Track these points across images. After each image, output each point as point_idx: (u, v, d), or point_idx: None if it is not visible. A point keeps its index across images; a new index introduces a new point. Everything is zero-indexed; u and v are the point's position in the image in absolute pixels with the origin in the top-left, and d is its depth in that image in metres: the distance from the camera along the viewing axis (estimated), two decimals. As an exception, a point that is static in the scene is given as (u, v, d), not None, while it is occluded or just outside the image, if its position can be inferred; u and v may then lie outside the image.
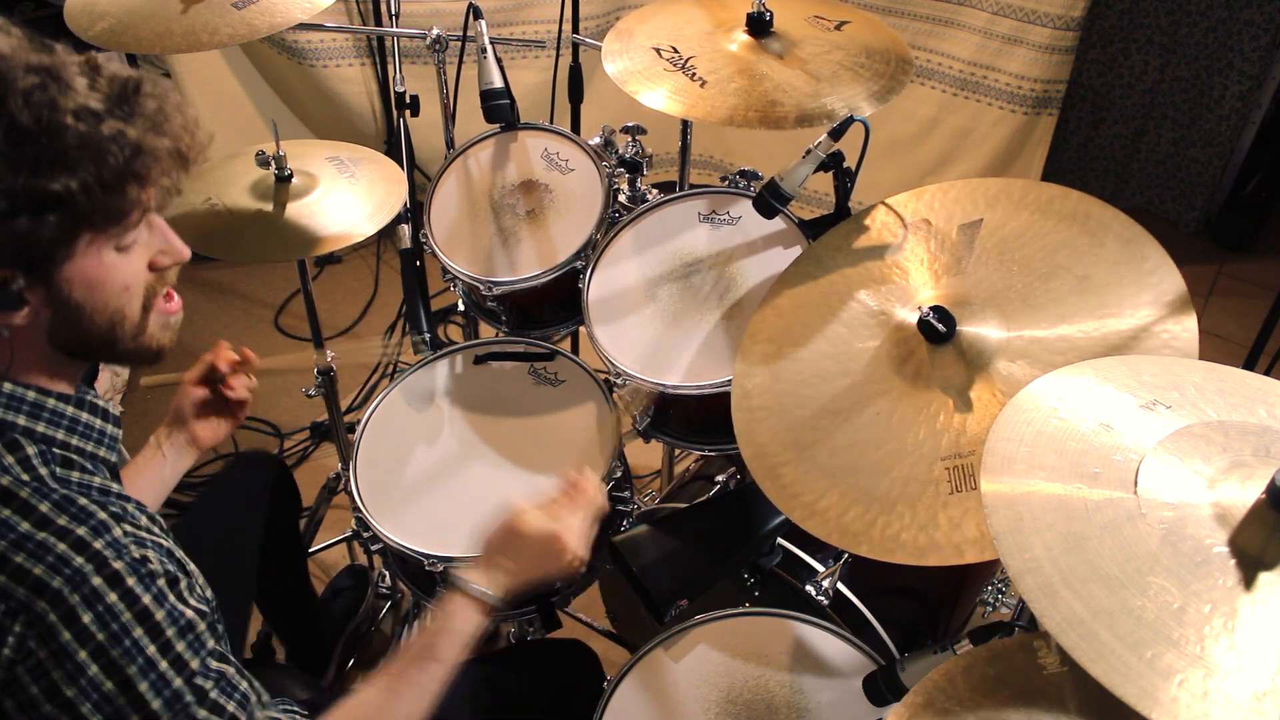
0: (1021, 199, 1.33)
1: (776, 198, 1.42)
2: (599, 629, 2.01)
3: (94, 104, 0.83)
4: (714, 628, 1.37)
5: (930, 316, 1.20)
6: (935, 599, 1.64)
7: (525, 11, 3.01)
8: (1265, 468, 0.81)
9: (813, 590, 1.46)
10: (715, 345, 1.54)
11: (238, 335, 2.97)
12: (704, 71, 1.54)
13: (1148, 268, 1.20)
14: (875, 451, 1.18)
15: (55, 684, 0.84)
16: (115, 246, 0.90)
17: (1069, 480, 0.86)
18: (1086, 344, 1.16)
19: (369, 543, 1.53)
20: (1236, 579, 0.76)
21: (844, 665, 1.32)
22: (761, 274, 1.59)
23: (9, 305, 0.86)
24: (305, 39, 2.95)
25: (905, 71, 1.54)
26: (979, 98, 2.96)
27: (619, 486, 1.56)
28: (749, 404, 1.31)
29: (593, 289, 1.65)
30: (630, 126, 1.81)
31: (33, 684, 0.83)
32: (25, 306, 0.87)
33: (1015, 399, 0.96)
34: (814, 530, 1.15)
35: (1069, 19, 2.72)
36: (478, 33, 1.85)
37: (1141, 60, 3.18)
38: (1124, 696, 0.72)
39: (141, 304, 0.95)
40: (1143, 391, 0.94)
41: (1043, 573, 0.80)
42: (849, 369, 1.27)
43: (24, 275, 0.85)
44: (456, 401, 1.68)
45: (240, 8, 1.59)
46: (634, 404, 1.58)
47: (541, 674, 1.42)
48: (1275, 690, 0.71)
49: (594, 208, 1.72)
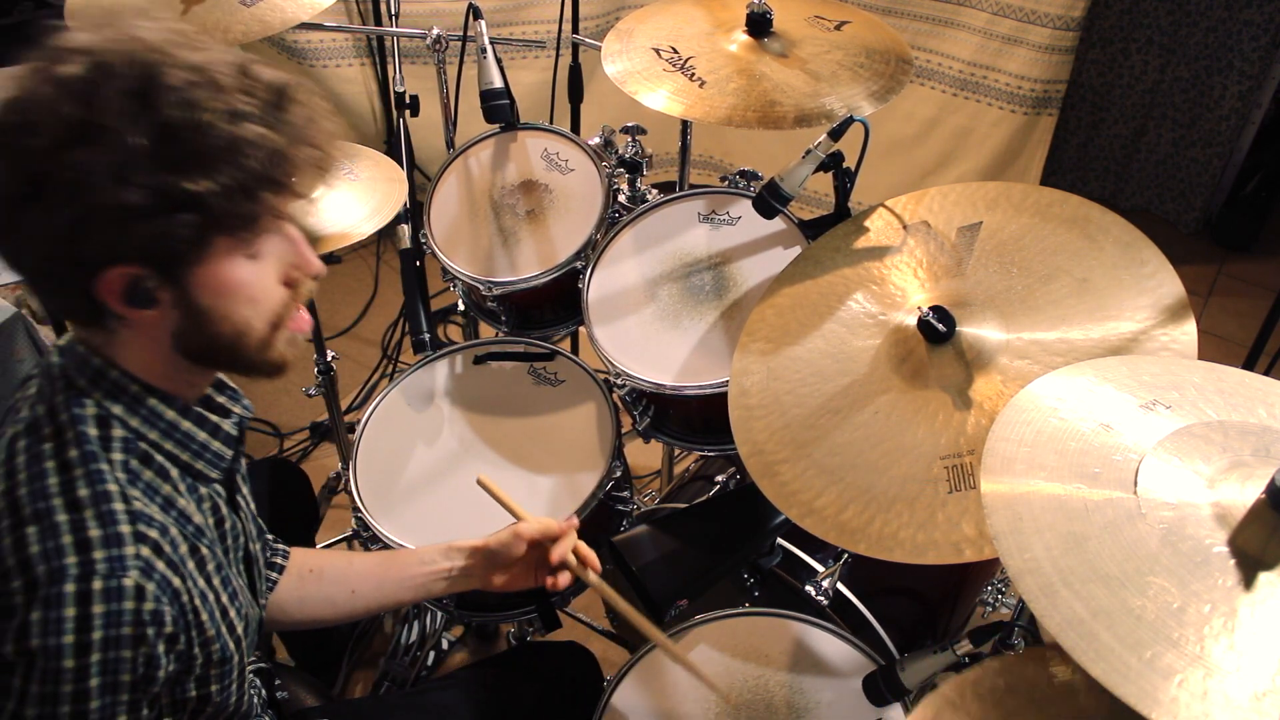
0: (1021, 202, 1.33)
1: (776, 198, 1.42)
2: (599, 629, 2.01)
3: (241, 106, 0.82)
4: (714, 628, 1.37)
5: (930, 316, 1.20)
6: (935, 599, 1.64)
7: (525, 11, 3.01)
8: (1265, 468, 0.81)
9: (812, 590, 1.46)
10: (715, 345, 1.54)
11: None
12: (703, 72, 1.54)
13: (1147, 272, 1.20)
14: (873, 450, 1.18)
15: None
16: (246, 254, 0.88)
17: (1069, 480, 0.86)
18: (1086, 346, 1.16)
19: (369, 542, 1.53)
20: (1236, 579, 0.76)
21: (844, 665, 1.32)
22: (761, 274, 1.59)
23: (139, 303, 0.85)
24: (305, 39, 2.95)
25: (905, 71, 1.54)
26: (979, 98, 2.96)
27: (619, 486, 1.56)
28: (746, 402, 1.31)
29: (593, 289, 1.65)
30: (630, 126, 1.81)
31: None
32: (155, 306, 0.86)
33: (1015, 399, 0.96)
34: (812, 528, 1.15)
35: (1069, 19, 2.72)
36: (478, 33, 1.85)
37: (1141, 60, 3.18)
38: (1124, 696, 0.72)
39: (271, 320, 0.93)
40: (1143, 391, 0.94)
41: (1043, 573, 0.80)
42: (848, 368, 1.27)
43: (156, 274, 0.84)
44: (456, 401, 1.68)
45: (249, 5, 1.59)
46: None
47: (540, 675, 1.42)
48: (1275, 690, 0.71)
49: (594, 208, 1.72)
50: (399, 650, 1.96)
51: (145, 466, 0.91)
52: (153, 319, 0.87)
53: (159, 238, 0.81)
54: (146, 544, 0.86)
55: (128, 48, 0.81)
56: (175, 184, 0.79)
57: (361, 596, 1.26)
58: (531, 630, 1.94)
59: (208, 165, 0.81)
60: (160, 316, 0.87)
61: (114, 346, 0.90)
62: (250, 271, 0.89)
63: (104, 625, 0.81)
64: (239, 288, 0.88)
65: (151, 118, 0.79)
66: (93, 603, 0.81)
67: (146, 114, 0.79)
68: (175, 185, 0.79)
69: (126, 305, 0.85)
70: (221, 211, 0.82)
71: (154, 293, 0.85)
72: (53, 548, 0.82)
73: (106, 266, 0.82)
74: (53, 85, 0.79)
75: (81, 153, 0.78)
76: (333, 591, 1.25)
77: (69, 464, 0.85)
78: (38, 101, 0.79)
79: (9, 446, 0.87)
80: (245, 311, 0.90)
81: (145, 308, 0.85)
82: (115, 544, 0.84)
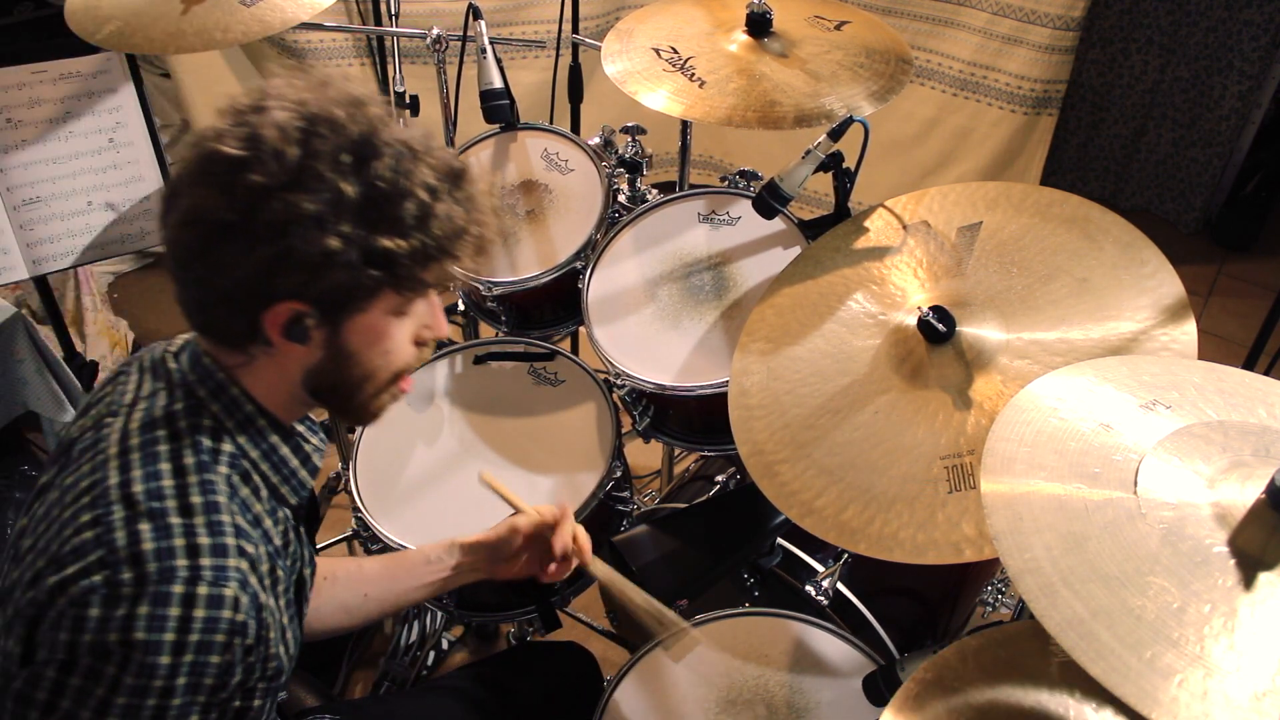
0: (1021, 202, 1.33)
1: (776, 198, 1.42)
2: (599, 629, 2.01)
3: (434, 181, 0.89)
4: (714, 628, 1.37)
5: (930, 316, 1.20)
6: (935, 599, 1.64)
7: (525, 11, 3.01)
8: (1265, 468, 0.81)
9: (812, 590, 1.46)
10: (715, 345, 1.54)
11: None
12: (703, 72, 1.54)
13: (1147, 272, 1.20)
14: (873, 450, 1.18)
15: (56, 630, 0.83)
16: (397, 311, 0.94)
17: (1069, 480, 0.86)
18: (1086, 346, 1.16)
19: (369, 542, 1.53)
20: (1236, 579, 0.76)
21: (844, 665, 1.32)
22: (761, 274, 1.59)
23: (295, 337, 0.90)
24: (305, 39, 2.95)
25: (905, 71, 1.54)
26: (979, 98, 2.96)
27: (619, 486, 1.56)
28: (746, 402, 1.31)
29: (592, 289, 1.65)
30: (630, 126, 1.81)
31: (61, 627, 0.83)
32: (307, 342, 0.91)
33: (1015, 399, 0.96)
34: (812, 528, 1.15)
35: (1069, 19, 2.72)
36: (478, 33, 1.85)
37: (1141, 60, 3.18)
38: (1124, 696, 0.72)
39: (395, 372, 0.99)
40: (1143, 391, 0.94)
41: (1043, 573, 0.80)
42: (848, 368, 1.27)
43: (319, 314, 0.89)
44: (456, 401, 1.68)
45: (249, 5, 1.59)
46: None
47: (540, 675, 1.42)
48: (1275, 690, 0.71)
49: (594, 208, 1.72)
50: (399, 650, 1.97)
51: (244, 483, 0.95)
52: (298, 353, 0.92)
53: (343, 285, 0.87)
54: (245, 559, 0.90)
55: (348, 109, 0.87)
56: (373, 240, 0.86)
57: (374, 599, 1.28)
58: (531, 630, 1.94)
59: (402, 228, 0.87)
60: (305, 352, 0.92)
61: (244, 367, 0.94)
62: (396, 326, 0.95)
63: (201, 630, 0.84)
64: (383, 339, 0.95)
65: (363, 176, 0.86)
66: (196, 606, 0.84)
67: (360, 172, 0.86)
68: (372, 241, 0.86)
69: (283, 337, 0.90)
70: (403, 272, 0.89)
71: (310, 330, 0.90)
72: (165, 548, 0.85)
73: (283, 300, 0.87)
74: (276, 129, 0.84)
75: (296, 196, 0.83)
76: (346, 597, 1.27)
77: (184, 469, 0.90)
78: (261, 141, 0.84)
79: (122, 439, 0.91)
80: (379, 361, 0.96)
81: (298, 342, 0.91)
82: (221, 554, 0.87)
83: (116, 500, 0.87)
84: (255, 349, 0.92)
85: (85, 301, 2.66)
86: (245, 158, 0.83)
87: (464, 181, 0.93)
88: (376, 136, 0.87)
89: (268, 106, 0.86)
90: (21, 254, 1.85)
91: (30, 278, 1.89)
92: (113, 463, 0.89)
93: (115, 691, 0.83)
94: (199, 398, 0.94)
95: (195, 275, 0.89)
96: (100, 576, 0.83)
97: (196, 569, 0.85)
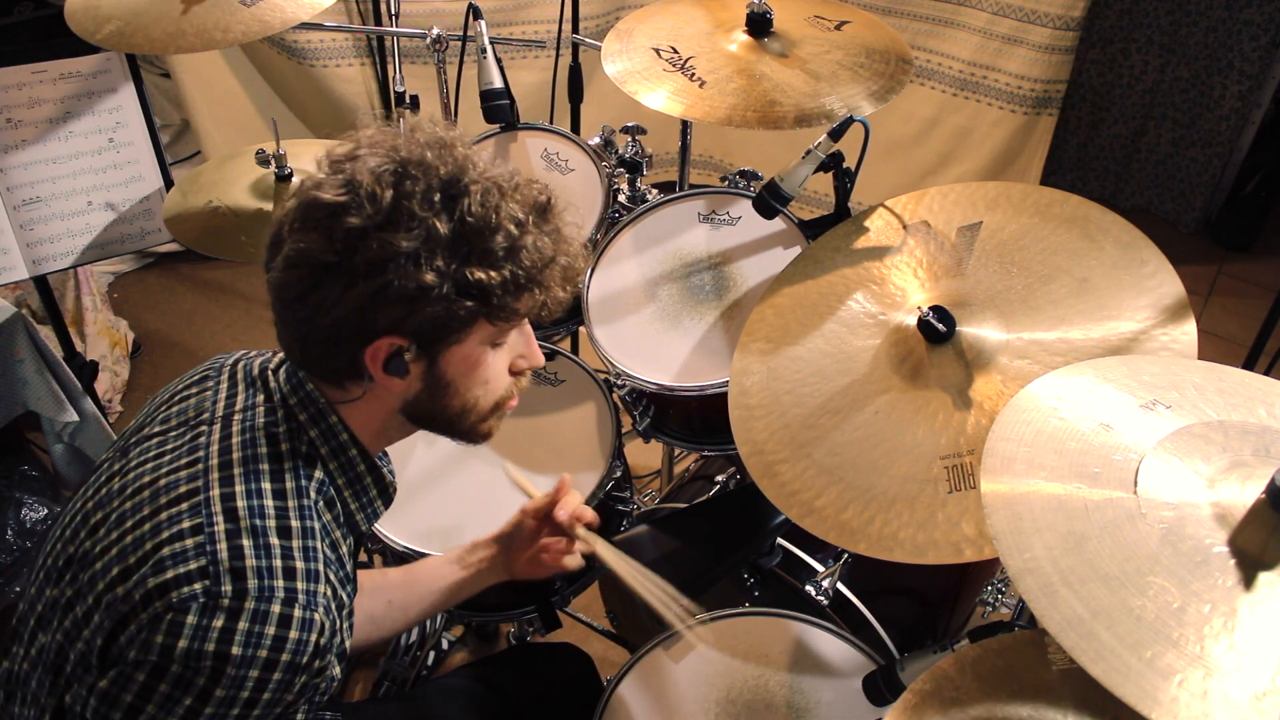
0: (1021, 202, 1.33)
1: (776, 198, 1.42)
2: (599, 629, 2.01)
3: (521, 214, 0.93)
4: (714, 628, 1.37)
5: (930, 316, 1.20)
6: (935, 599, 1.65)
7: (525, 11, 3.01)
8: (1265, 468, 0.81)
9: (812, 590, 1.46)
10: (715, 345, 1.54)
11: (238, 335, 2.97)
12: (703, 72, 1.54)
13: (1147, 272, 1.20)
14: (873, 450, 1.18)
15: (151, 630, 0.85)
16: (493, 342, 0.98)
17: (1069, 480, 0.86)
18: (1086, 346, 1.16)
19: (369, 542, 1.53)
20: (1236, 579, 0.76)
21: (844, 665, 1.32)
22: (761, 274, 1.59)
23: (395, 371, 0.93)
24: (305, 39, 2.95)
25: (905, 71, 1.54)
26: (979, 98, 2.96)
27: (619, 486, 1.56)
28: (746, 402, 1.31)
29: (593, 289, 1.65)
30: (630, 126, 1.81)
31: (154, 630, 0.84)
32: (406, 376, 0.94)
33: (1015, 399, 0.96)
34: (812, 528, 1.15)
35: (1069, 19, 2.72)
36: (478, 33, 1.85)
37: (1141, 60, 3.18)
38: (1124, 696, 0.71)
39: (495, 401, 1.03)
40: (1142, 391, 0.94)
41: (1043, 573, 0.80)
42: (848, 368, 1.27)
43: (418, 348, 0.92)
44: (456, 401, 1.67)
45: (249, 5, 1.59)
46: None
47: (539, 676, 1.42)
48: (1275, 690, 0.71)
49: (594, 208, 1.72)
50: (399, 650, 1.97)
51: (328, 509, 0.98)
52: (397, 387, 0.95)
53: (439, 318, 0.90)
54: (330, 585, 0.93)
55: (436, 151, 0.91)
56: (465, 272, 0.89)
57: (397, 605, 1.29)
58: (531, 630, 1.94)
59: (494, 261, 0.91)
60: (404, 385, 0.95)
61: (341, 398, 0.98)
62: (492, 356, 0.99)
63: (292, 650, 0.87)
64: (480, 370, 0.98)
65: (454, 212, 0.89)
66: (290, 628, 0.87)
67: (450, 209, 0.89)
68: (466, 274, 0.89)
69: (383, 372, 0.93)
70: (496, 302, 0.92)
71: (409, 364, 0.93)
72: (266, 566, 0.88)
73: (382, 336, 0.90)
74: (370, 174, 0.88)
75: (391, 234, 0.87)
76: (371, 605, 1.28)
77: (284, 492, 0.93)
78: (357, 186, 0.88)
79: (223, 450, 0.94)
80: (477, 391, 1.00)
81: (397, 375, 0.93)
82: (313, 579, 0.90)
83: (219, 512, 0.89)
84: (354, 385, 0.96)
85: (85, 301, 2.66)
86: (343, 203, 0.88)
87: (550, 214, 0.97)
88: (464, 175, 0.91)
89: (361, 154, 0.90)
90: (21, 254, 1.86)
91: (30, 278, 1.90)
92: (215, 473, 0.92)
93: (203, 702, 0.85)
94: (299, 421, 0.97)
95: (299, 315, 0.92)
96: (200, 585, 0.85)
97: (293, 591, 0.88)
